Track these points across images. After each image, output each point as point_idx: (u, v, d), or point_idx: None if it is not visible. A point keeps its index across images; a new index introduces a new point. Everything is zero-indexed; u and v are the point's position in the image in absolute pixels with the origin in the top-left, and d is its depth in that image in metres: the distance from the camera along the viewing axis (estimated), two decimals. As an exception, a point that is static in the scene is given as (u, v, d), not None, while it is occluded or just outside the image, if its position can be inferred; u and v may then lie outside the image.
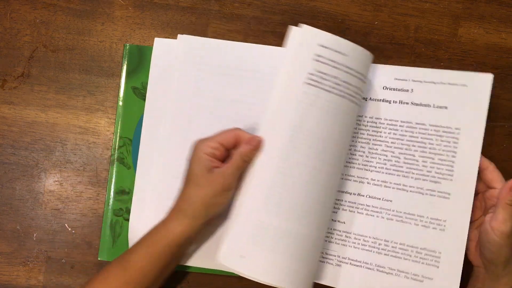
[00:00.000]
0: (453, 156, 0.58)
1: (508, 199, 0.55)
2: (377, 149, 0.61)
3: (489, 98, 0.57)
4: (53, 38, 0.64)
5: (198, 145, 0.55)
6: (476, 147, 0.58)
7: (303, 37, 0.55)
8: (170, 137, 0.62)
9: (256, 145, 0.55)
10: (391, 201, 0.60)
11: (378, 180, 0.60)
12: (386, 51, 0.65)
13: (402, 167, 0.60)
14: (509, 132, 0.65)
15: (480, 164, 0.58)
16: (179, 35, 0.63)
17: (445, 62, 0.65)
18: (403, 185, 0.60)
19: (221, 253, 0.55)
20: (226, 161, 0.56)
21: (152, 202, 0.62)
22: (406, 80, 0.61)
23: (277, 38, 0.64)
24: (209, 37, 0.64)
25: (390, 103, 0.61)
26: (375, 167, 0.61)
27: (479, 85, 0.58)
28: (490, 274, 0.57)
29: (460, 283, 0.58)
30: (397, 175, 0.60)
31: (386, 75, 0.61)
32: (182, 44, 0.63)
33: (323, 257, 0.61)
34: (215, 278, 0.64)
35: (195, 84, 0.62)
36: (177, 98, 0.62)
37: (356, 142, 0.61)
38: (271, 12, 0.65)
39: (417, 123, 0.60)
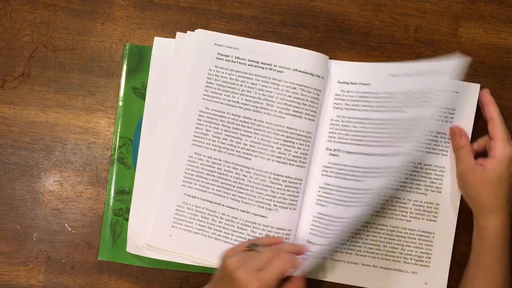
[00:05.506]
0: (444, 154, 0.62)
1: (453, 145, 0.62)
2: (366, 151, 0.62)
3: (476, 103, 0.62)
4: (53, 38, 0.64)
5: (256, 282, 0.51)
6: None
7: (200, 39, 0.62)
8: (170, 137, 0.62)
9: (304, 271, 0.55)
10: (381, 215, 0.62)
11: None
12: (386, 51, 0.65)
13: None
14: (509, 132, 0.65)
15: (488, 113, 0.61)
16: (196, 30, 0.63)
17: (445, 62, 0.65)
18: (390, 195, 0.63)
19: (150, 235, 0.61)
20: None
21: (151, 202, 0.62)
22: (400, 76, 0.62)
23: (277, 38, 0.64)
24: (209, 37, 0.64)
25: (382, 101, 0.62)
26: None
27: (469, 92, 0.62)
28: (474, 218, 0.61)
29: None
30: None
31: (384, 76, 0.62)
32: (195, 39, 0.62)
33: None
34: (215, 278, 0.64)
35: (205, 81, 0.62)
36: (187, 95, 0.62)
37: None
38: (271, 12, 0.65)
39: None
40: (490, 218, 0.58)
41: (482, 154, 0.61)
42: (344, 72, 0.63)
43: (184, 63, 0.62)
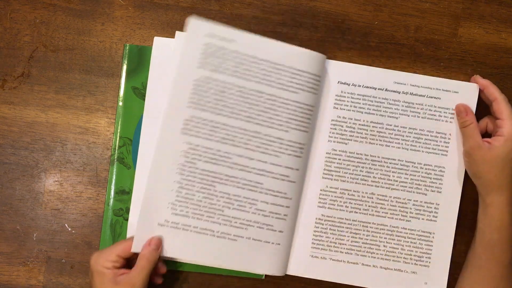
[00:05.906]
0: (444, 154, 0.63)
1: (459, 122, 0.62)
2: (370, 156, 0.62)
3: (476, 102, 0.62)
4: (53, 38, 0.64)
5: (96, 260, 0.56)
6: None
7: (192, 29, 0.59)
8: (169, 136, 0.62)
9: (157, 245, 0.58)
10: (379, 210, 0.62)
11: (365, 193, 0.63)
12: (386, 51, 0.65)
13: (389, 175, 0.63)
14: (509, 132, 0.65)
15: (489, 95, 0.61)
16: (188, 18, 0.61)
17: (445, 62, 0.65)
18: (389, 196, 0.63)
19: (136, 242, 0.58)
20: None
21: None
22: (404, 84, 0.63)
23: (277, 38, 0.64)
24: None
25: (386, 105, 0.63)
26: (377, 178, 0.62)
27: (469, 92, 0.62)
28: (479, 197, 0.61)
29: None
30: (385, 187, 0.63)
31: (385, 78, 0.63)
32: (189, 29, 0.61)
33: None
34: (215, 278, 0.64)
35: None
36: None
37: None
38: (271, 12, 0.65)
39: (410, 128, 0.62)
40: (496, 195, 0.58)
41: (483, 136, 0.61)
42: (346, 73, 0.63)
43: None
